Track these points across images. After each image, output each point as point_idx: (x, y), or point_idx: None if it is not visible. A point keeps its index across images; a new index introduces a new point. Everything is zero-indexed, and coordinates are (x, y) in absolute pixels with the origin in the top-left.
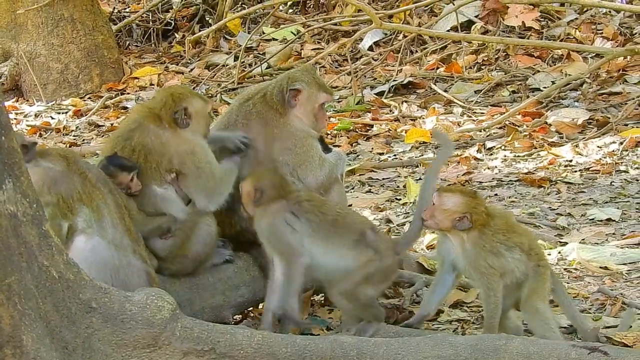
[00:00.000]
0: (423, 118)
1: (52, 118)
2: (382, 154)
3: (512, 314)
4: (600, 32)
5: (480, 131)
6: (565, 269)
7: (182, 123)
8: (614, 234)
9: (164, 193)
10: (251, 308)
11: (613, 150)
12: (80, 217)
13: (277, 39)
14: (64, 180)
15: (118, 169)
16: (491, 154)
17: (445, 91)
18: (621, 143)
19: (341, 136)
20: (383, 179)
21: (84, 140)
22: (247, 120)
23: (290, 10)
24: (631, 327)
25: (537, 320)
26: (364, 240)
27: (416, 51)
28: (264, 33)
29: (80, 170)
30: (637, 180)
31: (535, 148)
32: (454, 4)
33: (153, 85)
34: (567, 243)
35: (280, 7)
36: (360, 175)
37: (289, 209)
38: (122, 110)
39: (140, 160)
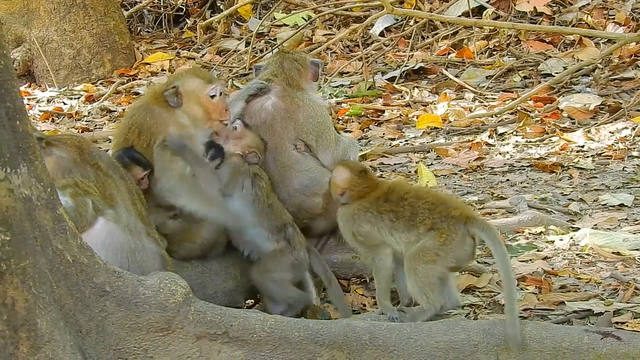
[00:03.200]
0: (434, 103)
1: (65, 103)
2: (394, 139)
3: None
4: (612, 17)
5: (492, 117)
6: (577, 255)
7: (172, 101)
8: (626, 219)
9: None
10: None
11: (625, 136)
12: (98, 200)
13: (288, 25)
14: (77, 170)
15: (133, 162)
16: (503, 140)
17: (457, 77)
18: (633, 129)
19: (352, 122)
20: (394, 164)
21: (96, 125)
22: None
23: None
24: None
25: (412, 282)
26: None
27: (427, 37)
28: (275, 19)
29: (93, 160)
30: None
31: (547, 134)
32: None
33: (164, 71)
34: (579, 228)
35: None
36: (371, 160)
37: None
38: (134, 96)
39: (133, 137)
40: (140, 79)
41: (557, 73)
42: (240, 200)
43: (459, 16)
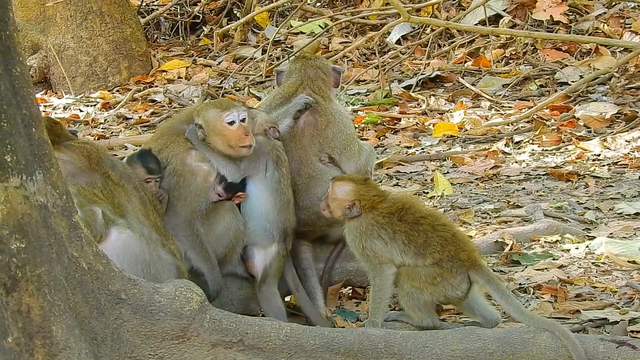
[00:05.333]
0: (451, 112)
1: (81, 111)
2: (410, 147)
3: (484, 300)
4: (629, 26)
5: (508, 125)
6: (593, 263)
7: (195, 139)
8: None
9: None
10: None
11: None
12: (106, 209)
13: (304, 33)
14: (82, 177)
15: (139, 163)
16: (519, 148)
17: (473, 85)
18: None
19: (369, 130)
20: (411, 172)
21: (112, 132)
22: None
23: (318, 4)
24: None
25: (401, 297)
26: None
27: (444, 45)
28: (291, 26)
29: (103, 169)
30: None
31: (563, 142)
32: None
33: (181, 78)
34: (595, 237)
35: (308, 1)
36: (387, 168)
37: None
38: (150, 103)
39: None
40: (156, 86)
41: (573, 81)
42: (262, 185)
43: (476, 24)
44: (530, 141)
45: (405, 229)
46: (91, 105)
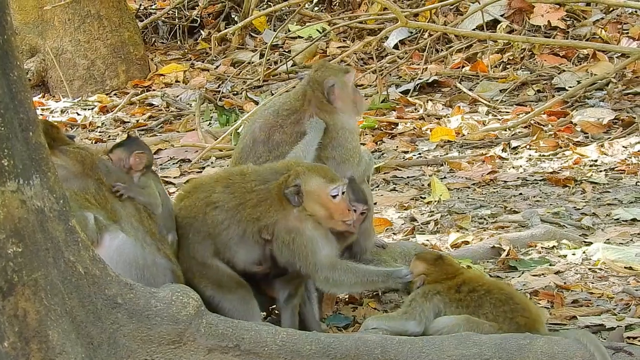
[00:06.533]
0: (448, 117)
1: (78, 114)
2: (407, 152)
3: None
4: (626, 32)
5: (506, 130)
6: (590, 269)
7: (293, 200)
8: (639, 234)
9: None
10: (274, 306)
11: (638, 150)
12: (98, 214)
13: (302, 37)
14: (75, 182)
15: (119, 146)
16: (516, 153)
17: (471, 90)
18: None
19: (366, 134)
20: (408, 177)
21: (109, 136)
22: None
23: (316, 8)
24: None
25: (450, 328)
26: None
27: (441, 50)
28: (289, 31)
29: (97, 175)
30: None
31: (561, 147)
32: (479, 3)
33: (179, 82)
34: (591, 243)
35: (306, 5)
36: (385, 173)
37: None
38: (148, 107)
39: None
40: (154, 90)
41: (570, 87)
42: None
43: (473, 29)
44: (528, 146)
45: (460, 296)
46: (89, 109)
